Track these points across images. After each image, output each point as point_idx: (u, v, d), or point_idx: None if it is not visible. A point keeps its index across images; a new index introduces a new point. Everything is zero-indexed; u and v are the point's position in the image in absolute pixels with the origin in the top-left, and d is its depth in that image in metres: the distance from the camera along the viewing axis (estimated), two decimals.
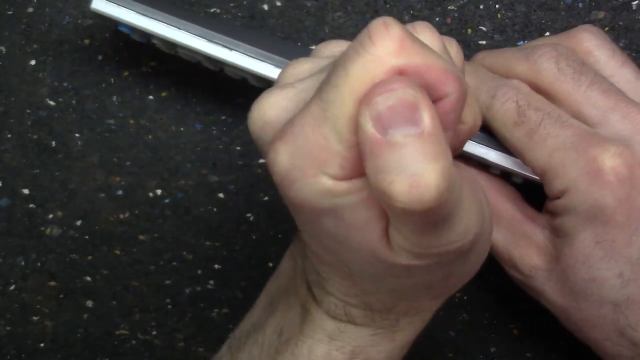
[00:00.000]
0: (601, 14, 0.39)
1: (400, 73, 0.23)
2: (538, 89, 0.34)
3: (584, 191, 0.31)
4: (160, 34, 0.35)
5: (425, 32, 0.26)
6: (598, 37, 0.35)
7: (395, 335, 0.31)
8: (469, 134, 0.29)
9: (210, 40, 0.35)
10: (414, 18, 0.39)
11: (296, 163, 0.24)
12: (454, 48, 0.29)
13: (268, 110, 0.27)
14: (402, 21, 0.39)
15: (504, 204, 0.35)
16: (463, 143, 0.29)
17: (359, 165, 0.24)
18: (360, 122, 0.23)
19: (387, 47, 0.23)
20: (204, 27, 0.35)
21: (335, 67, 0.24)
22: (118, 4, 0.35)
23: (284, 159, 0.25)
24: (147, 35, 0.36)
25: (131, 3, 0.35)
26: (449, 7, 0.39)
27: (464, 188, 0.26)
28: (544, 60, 0.34)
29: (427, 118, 0.22)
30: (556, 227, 0.33)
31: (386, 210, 0.24)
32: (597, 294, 0.32)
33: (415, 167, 0.22)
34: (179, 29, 0.35)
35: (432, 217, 0.23)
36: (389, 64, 0.23)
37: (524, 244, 0.34)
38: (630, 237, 0.31)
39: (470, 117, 0.28)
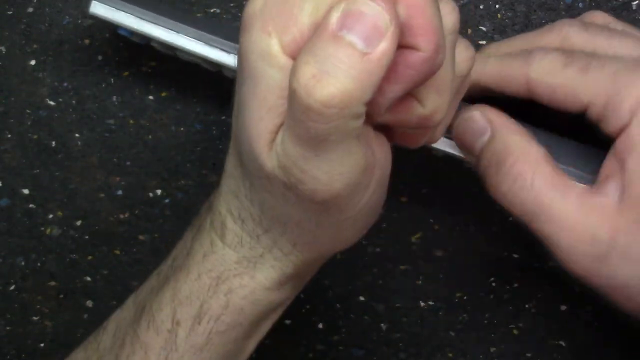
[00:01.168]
0: None
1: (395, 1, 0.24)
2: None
3: None
4: (159, 37, 0.35)
5: None
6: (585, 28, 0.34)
7: (255, 273, 0.31)
8: (418, 120, 0.28)
9: (208, 44, 0.35)
10: None
11: (264, 12, 0.25)
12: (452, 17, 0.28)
13: None
14: None
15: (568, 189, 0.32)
16: (407, 122, 0.28)
17: None
18: (332, 9, 0.24)
19: None
20: (202, 30, 0.35)
21: None
22: (116, 8, 0.35)
23: (255, 5, 0.26)
24: (146, 38, 0.36)
25: (129, 7, 0.35)
26: None
27: (359, 146, 0.26)
28: (571, 28, 0.33)
29: (381, 48, 0.23)
30: (629, 170, 0.30)
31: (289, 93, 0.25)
32: None
33: (332, 68, 0.23)
34: (177, 32, 0.35)
35: (310, 122, 0.24)
36: None
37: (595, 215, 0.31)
38: None
39: (430, 104, 0.27)
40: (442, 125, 0.31)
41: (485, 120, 0.33)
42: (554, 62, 0.32)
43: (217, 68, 0.36)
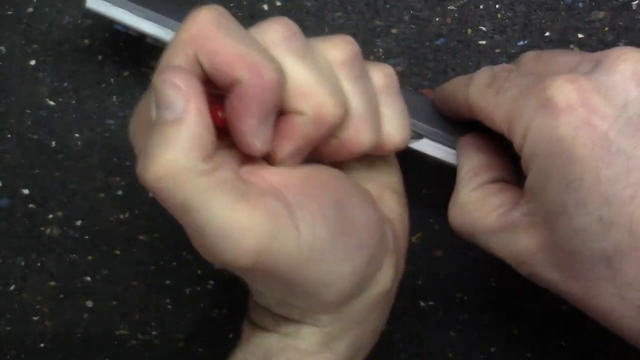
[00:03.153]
0: (601, 14, 0.39)
1: (197, 52, 0.25)
2: None
3: (540, 127, 0.28)
4: (153, 34, 0.35)
5: (269, 25, 0.28)
6: None
7: (298, 344, 0.31)
8: (314, 126, 0.28)
9: None
10: (414, 18, 0.39)
11: (133, 138, 0.28)
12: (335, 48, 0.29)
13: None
14: (402, 21, 0.39)
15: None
16: (310, 136, 0.28)
17: None
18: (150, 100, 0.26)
19: (189, 28, 0.26)
20: None
21: None
22: (112, 4, 0.35)
23: (129, 129, 0.28)
24: (142, 33, 0.36)
25: (125, 3, 0.35)
26: (449, 7, 0.39)
27: (240, 200, 0.25)
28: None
29: (184, 108, 0.24)
30: (529, 187, 0.30)
31: None
32: (585, 249, 0.28)
33: (151, 149, 0.25)
34: (173, 30, 0.35)
35: (164, 202, 0.25)
36: (181, 41, 0.26)
37: (508, 235, 0.32)
38: (599, 173, 0.27)
39: (308, 108, 0.27)
40: (363, 123, 0.30)
41: None
42: (482, 80, 0.32)
43: None
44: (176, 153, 0.24)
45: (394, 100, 0.31)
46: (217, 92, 0.26)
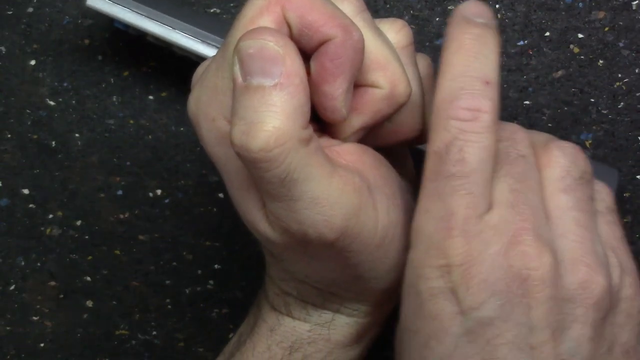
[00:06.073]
0: (601, 14, 0.39)
1: (285, 11, 0.24)
2: None
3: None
4: (154, 32, 0.35)
5: None
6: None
7: (330, 335, 0.31)
8: (387, 101, 0.27)
9: (203, 41, 0.35)
10: (414, 18, 0.39)
11: (200, 106, 0.26)
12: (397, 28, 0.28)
13: (199, 69, 0.28)
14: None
15: None
16: (381, 112, 0.27)
17: None
18: (232, 65, 0.24)
19: None
20: (199, 27, 0.35)
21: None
22: (113, 2, 0.35)
23: (191, 103, 0.26)
24: (142, 31, 0.36)
25: (126, 0, 0.35)
26: (449, 7, 0.39)
27: (333, 174, 0.25)
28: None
29: (284, 72, 0.23)
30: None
31: None
32: None
33: (254, 115, 0.23)
34: (173, 28, 0.35)
35: (265, 172, 0.24)
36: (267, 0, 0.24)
37: None
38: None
39: (386, 82, 0.27)
40: (417, 110, 0.29)
41: None
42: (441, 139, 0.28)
43: None
44: (283, 120, 0.23)
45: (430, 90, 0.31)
46: None
